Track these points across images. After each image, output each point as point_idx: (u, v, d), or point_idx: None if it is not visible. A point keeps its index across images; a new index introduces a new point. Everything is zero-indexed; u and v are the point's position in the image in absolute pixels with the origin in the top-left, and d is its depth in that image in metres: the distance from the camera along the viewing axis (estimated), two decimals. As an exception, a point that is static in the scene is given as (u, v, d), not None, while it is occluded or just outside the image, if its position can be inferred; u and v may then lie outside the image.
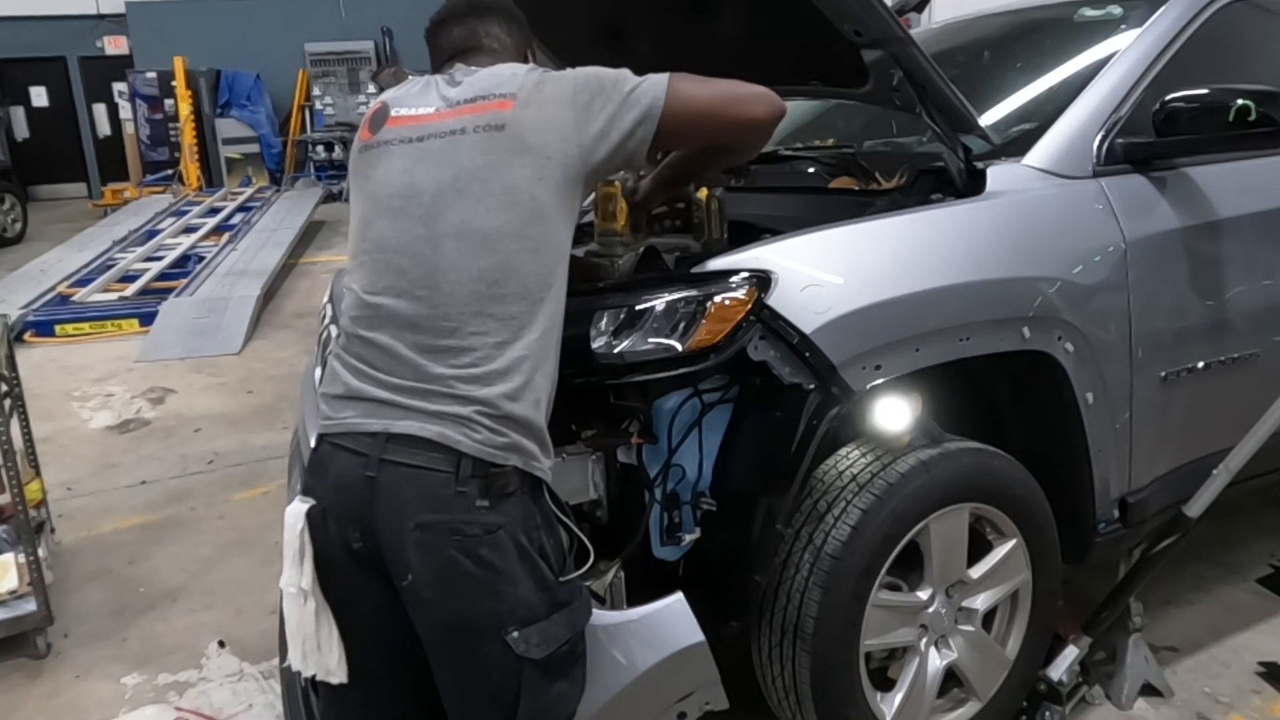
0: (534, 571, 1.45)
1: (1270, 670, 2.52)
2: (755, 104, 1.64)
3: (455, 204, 1.49)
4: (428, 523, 1.41)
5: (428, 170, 1.52)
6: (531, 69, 1.60)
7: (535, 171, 1.49)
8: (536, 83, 1.55)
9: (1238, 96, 2.07)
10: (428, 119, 1.57)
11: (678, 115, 1.55)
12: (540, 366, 1.48)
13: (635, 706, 1.75)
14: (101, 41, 15.85)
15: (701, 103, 1.60)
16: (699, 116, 1.60)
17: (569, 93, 1.53)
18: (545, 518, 1.49)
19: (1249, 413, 2.27)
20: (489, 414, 1.42)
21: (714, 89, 1.61)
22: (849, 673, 1.94)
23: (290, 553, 1.49)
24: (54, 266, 8.51)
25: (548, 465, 1.49)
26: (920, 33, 3.35)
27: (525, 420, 1.45)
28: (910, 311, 1.87)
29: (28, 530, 2.89)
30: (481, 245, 1.46)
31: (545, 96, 1.53)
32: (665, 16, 2.42)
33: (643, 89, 1.55)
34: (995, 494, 2.05)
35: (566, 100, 1.52)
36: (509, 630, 1.43)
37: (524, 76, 1.57)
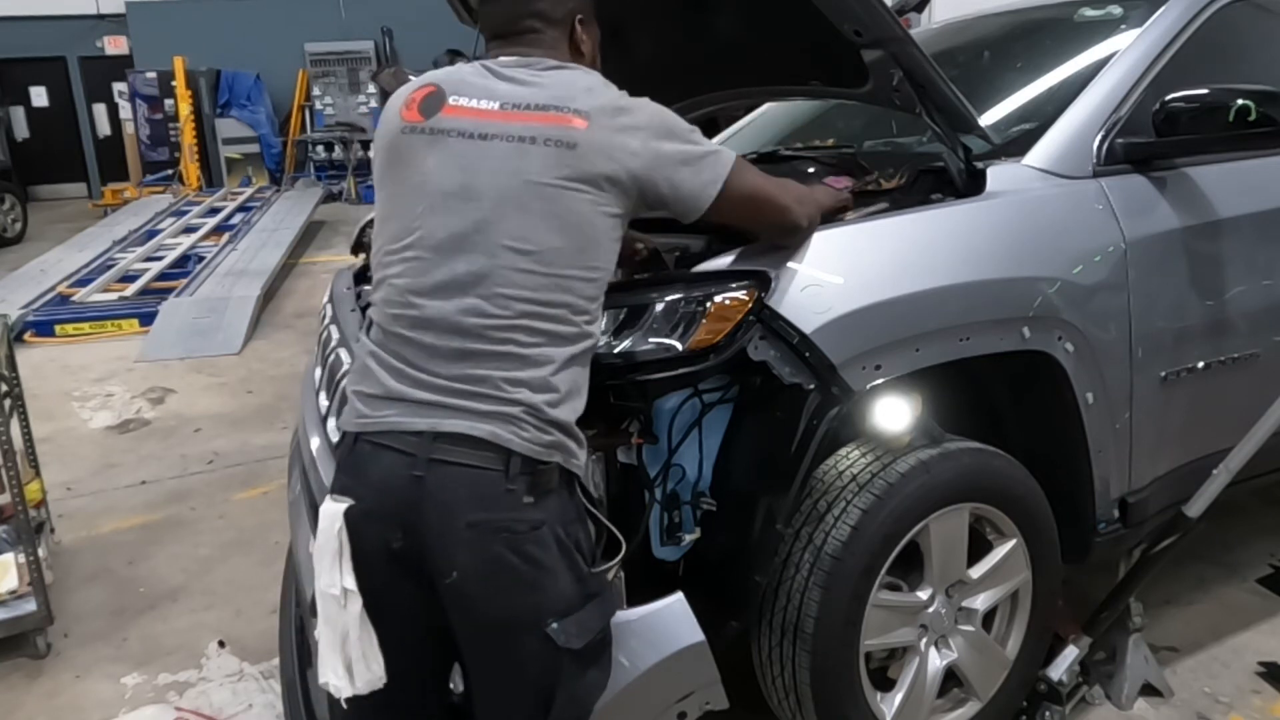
0: (571, 564, 1.48)
1: (1270, 670, 2.52)
2: (799, 211, 1.75)
3: (516, 216, 1.47)
4: (478, 521, 1.42)
5: (491, 173, 1.49)
6: (607, 86, 1.59)
7: (598, 198, 1.49)
8: (615, 107, 1.54)
9: (1238, 96, 2.07)
10: (493, 116, 1.52)
11: (733, 195, 1.59)
12: (581, 377, 1.53)
13: (635, 706, 1.75)
14: (101, 41, 15.85)
15: (757, 193, 1.67)
16: (748, 203, 1.66)
17: (647, 129, 1.54)
18: (579, 511, 1.54)
19: (1249, 413, 2.27)
20: (536, 415, 1.45)
21: (770, 184, 1.69)
22: (849, 673, 1.94)
23: (329, 553, 1.45)
24: (54, 266, 8.51)
25: (582, 460, 1.53)
26: (920, 33, 3.35)
27: (565, 424, 1.48)
28: (910, 311, 1.87)
29: (28, 530, 2.89)
30: (539, 263, 1.46)
31: (621, 125, 1.52)
32: (665, 16, 2.42)
33: (715, 157, 1.59)
34: (995, 494, 2.05)
35: (644, 136, 1.53)
36: (549, 623, 1.46)
37: (601, 94, 1.56)
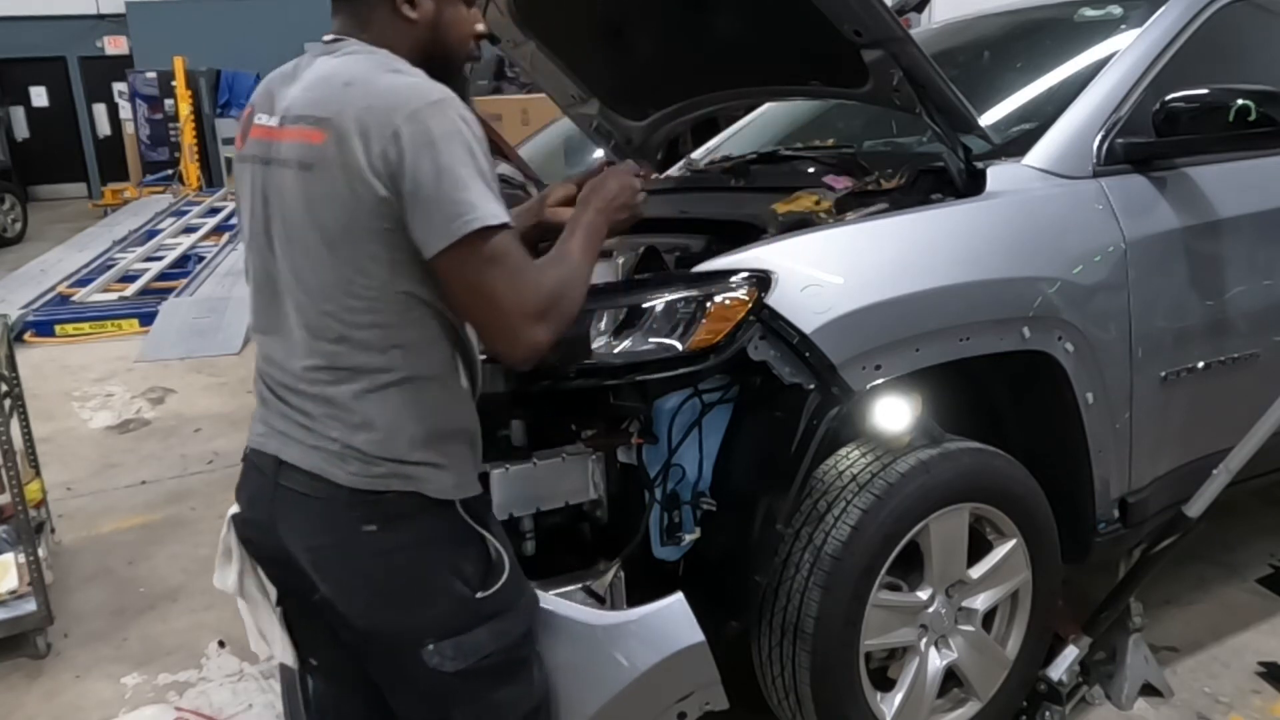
0: (446, 588, 1.40)
1: (1270, 670, 2.52)
2: (512, 336, 1.33)
3: (291, 252, 1.36)
4: (319, 545, 1.41)
5: (272, 205, 1.38)
6: (390, 70, 1.33)
7: (353, 222, 1.31)
8: (368, 106, 1.28)
9: (1238, 96, 2.07)
10: (273, 135, 1.38)
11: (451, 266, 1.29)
12: (412, 412, 1.36)
13: (635, 706, 1.74)
14: (101, 41, 15.86)
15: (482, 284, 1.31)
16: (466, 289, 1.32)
17: (410, 140, 1.26)
18: (456, 535, 1.42)
19: (1249, 413, 2.27)
20: (356, 451, 1.36)
21: (509, 281, 1.30)
22: (849, 673, 1.93)
23: (220, 554, 1.54)
24: (54, 266, 8.52)
25: (449, 483, 1.40)
26: (920, 33, 3.35)
27: (397, 456, 1.36)
28: (910, 311, 1.87)
29: (28, 530, 2.89)
30: (312, 299, 1.35)
31: (373, 133, 1.27)
32: (665, 16, 2.42)
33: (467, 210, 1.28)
34: (995, 494, 2.05)
35: (401, 144, 1.27)
36: (426, 644, 1.41)
37: (362, 90, 1.30)
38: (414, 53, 1.41)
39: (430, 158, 1.26)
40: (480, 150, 1.30)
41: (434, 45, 1.43)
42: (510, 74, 8.65)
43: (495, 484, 1.75)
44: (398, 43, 1.41)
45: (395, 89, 1.30)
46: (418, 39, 1.42)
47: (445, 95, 1.31)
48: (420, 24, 1.41)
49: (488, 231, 1.27)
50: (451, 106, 1.30)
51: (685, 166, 3.13)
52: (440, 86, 1.33)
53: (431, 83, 1.33)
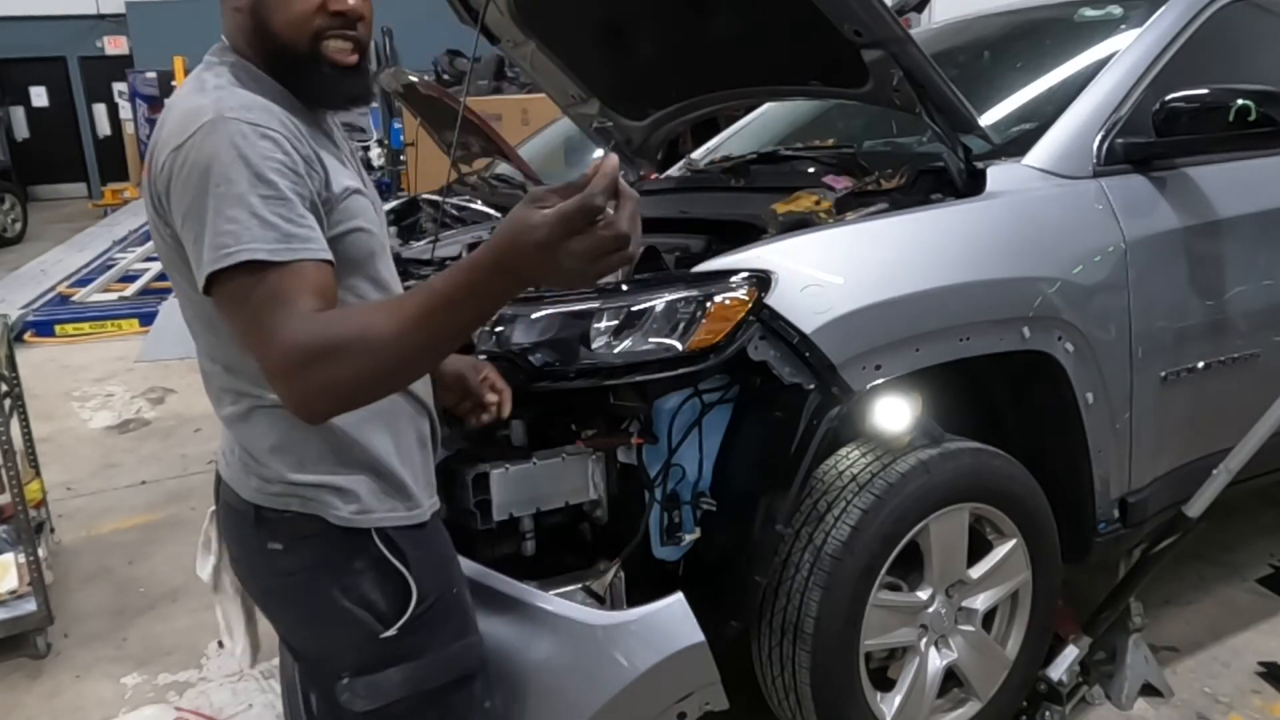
0: (352, 621, 1.30)
1: (1270, 670, 2.52)
2: (271, 352, 1.10)
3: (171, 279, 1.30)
4: (237, 557, 1.42)
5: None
6: (198, 92, 1.20)
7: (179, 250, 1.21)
8: (151, 151, 1.21)
9: (1238, 96, 2.07)
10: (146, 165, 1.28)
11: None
12: (286, 437, 1.28)
13: (635, 707, 1.74)
14: (101, 41, 15.86)
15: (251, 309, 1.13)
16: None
17: (188, 169, 1.14)
18: (368, 563, 1.30)
19: (1249, 413, 2.27)
20: (253, 469, 1.30)
21: (274, 310, 1.10)
22: (849, 673, 1.93)
23: (200, 543, 1.56)
24: (54, 266, 8.52)
25: (347, 513, 1.29)
26: (920, 33, 3.35)
27: (285, 478, 1.29)
28: (910, 311, 1.87)
29: (28, 530, 2.89)
30: (189, 319, 1.30)
31: (167, 160, 1.17)
32: (665, 16, 2.42)
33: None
34: (995, 494, 2.05)
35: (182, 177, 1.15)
36: (341, 676, 1.34)
37: (172, 117, 1.20)
38: (252, 48, 1.26)
39: (180, 192, 1.14)
40: (244, 176, 1.11)
41: (263, 34, 1.24)
42: (510, 74, 8.65)
43: (495, 484, 1.76)
44: (236, 39, 1.27)
45: (177, 118, 1.18)
46: (247, 30, 1.25)
47: (212, 118, 1.13)
48: (243, 10, 1.24)
49: (220, 272, 1.10)
50: (215, 130, 1.13)
51: (685, 166, 3.13)
52: (213, 106, 1.15)
53: (210, 102, 1.16)
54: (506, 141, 5.33)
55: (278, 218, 1.12)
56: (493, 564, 1.78)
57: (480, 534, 1.79)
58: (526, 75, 2.91)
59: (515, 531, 1.83)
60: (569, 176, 4.19)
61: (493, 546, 1.84)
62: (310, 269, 1.12)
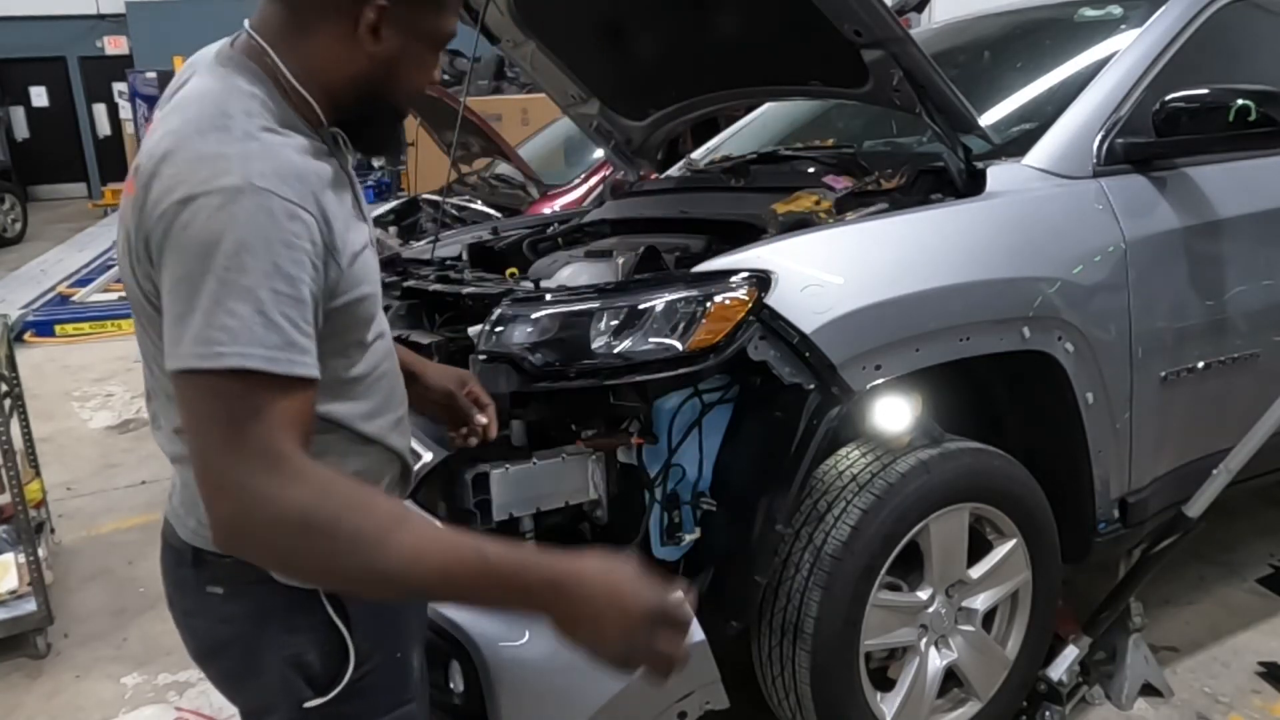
0: (280, 678, 1.18)
1: (1270, 670, 2.52)
2: (214, 493, 0.98)
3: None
4: (169, 596, 1.28)
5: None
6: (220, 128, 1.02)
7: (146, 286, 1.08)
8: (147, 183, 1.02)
9: (1238, 96, 2.07)
10: (129, 182, 1.11)
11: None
12: None
13: (635, 706, 1.74)
14: (101, 41, 15.85)
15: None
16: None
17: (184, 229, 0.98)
18: (310, 620, 1.17)
19: (1249, 413, 2.27)
20: (196, 508, 1.14)
21: (213, 429, 0.97)
22: (849, 673, 1.93)
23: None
24: (54, 266, 8.53)
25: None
26: (920, 33, 3.35)
27: None
28: (910, 311, 1.87)
29: (28, 530, 2.89)
30: (149, 352, 1.15)
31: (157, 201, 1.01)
32: (665, 16, 2.42)
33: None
34: (995, 494, 2.05)
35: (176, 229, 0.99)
36: None
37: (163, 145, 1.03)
38: (351, 91, 1.13)
39: (177, 253, 0.98)
40: (268, 265, 0.97)
41: (380, 90, 1.15)
42: (510, 74, 8.65)
43: (495, 484, 1.76)
44: (334, 73, 1.12)
45: (191, 160, 1.00)
46: (363, 76, 1.13)
47: (239, 184, 0.97)
48: (374, 60, 1.12)
49: (205, 376, 0.96)
50: (240, 201, 0.97)
51: (685, 166, 3.13)
52: (242, 165, 0.99)
53: (238, 156, 1.00)
54: (506, 141, 5.33)
55: (285, 320, 0.98)
56: (493, 564, 1.78)
57: (480, 534, 1.79)
58: (526, 75, 2.91)
59: (515, 531, 1.83)
60: (569, 176, 4.22)
61: (493, 546, 1.84)
62: (299, 389, 1.00)
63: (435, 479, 1.84)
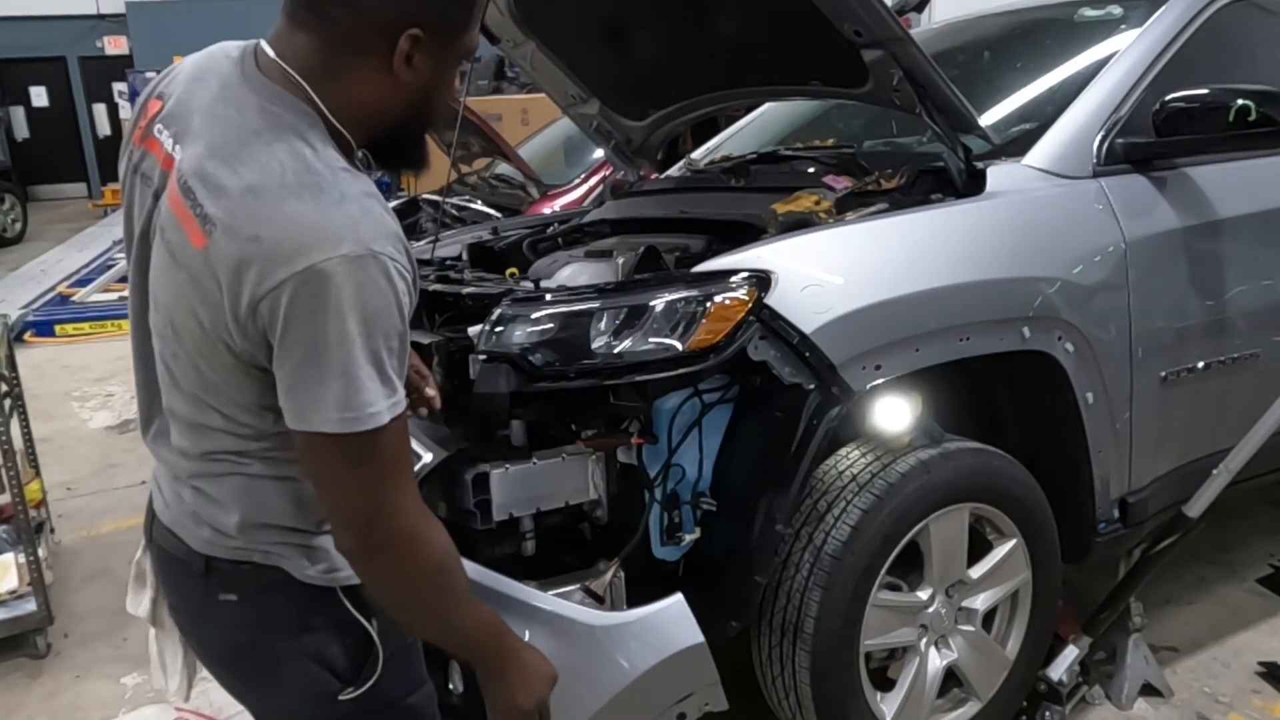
0: (307, 679, 1.23)
1: (1270, 670, 2.52)
2: (338, 533, 1.13)
3: (159, 317, 1.19)
4: (174, 605, 1.33)
5: (150, 251, 1.18)
6: (272, 195, 1.02)
7: (208, 334, 1.10)
8: (245, 252, 1.01)
9: (1238, 96, 2.07)
10: (169, 170, 1.12)
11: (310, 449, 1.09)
12: (266, 505, 1.20)
13: (634, 707, 1.75)
14: (101, 41, 15.85)
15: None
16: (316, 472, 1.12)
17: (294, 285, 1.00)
18: (330, 618, 1.23)
19: (1249, 413, 2.27)
20: (210, 518, 1.21)
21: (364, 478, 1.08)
22: (849, 673, 1.93)
23: (132, 577, 1.44)
24: (54, 266, 8.53)
25: (319, 570, 1.22)
26: (920, 33, 3.35)
27: (255, 540, 1.21)
28: (910, 311, 1.87)
29: (28, 530, 2.89)
30: (173, 374, 1.19)
31: (248, 262, 1.01)
32: (665, 16, 2.42)
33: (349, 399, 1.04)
34: (995, 494, 2.05)
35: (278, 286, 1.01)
36: None
37: (249, 207, 1.03)
38: (387, 119, 1.15)
39: (306, 329, 1.01)
40: (387, 335, 1.04)
41: (415, 115, 1.18)
42: (510, 74, 8.65)
43: (495, 484, 1.76)
44: (371, 104, 1.13)
45: (300, 221, 1.01)
46: (400, 104, 1.15)
47: (362, 253, 1.01)
48: (410, 89, 1.13)
49: (349, 435, 1.04)
50: (366, 270, 1.01)
51: (685, 166, 3.13)
52: (362, 231, 1.02)
53: (351, 222, 1.03)
54: (506, 141, 5.33)
55: (394, 373, 1.06)
56: (492, 564, 1.78)
57: (480, 534, 1.79)
58: (526, 75, 2.91)
59: (515, 531, 1.83)
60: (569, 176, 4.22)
61: (493, 546, 1.84)
62: (403, 421, 1.10)
63: (435, 479, 1.84)
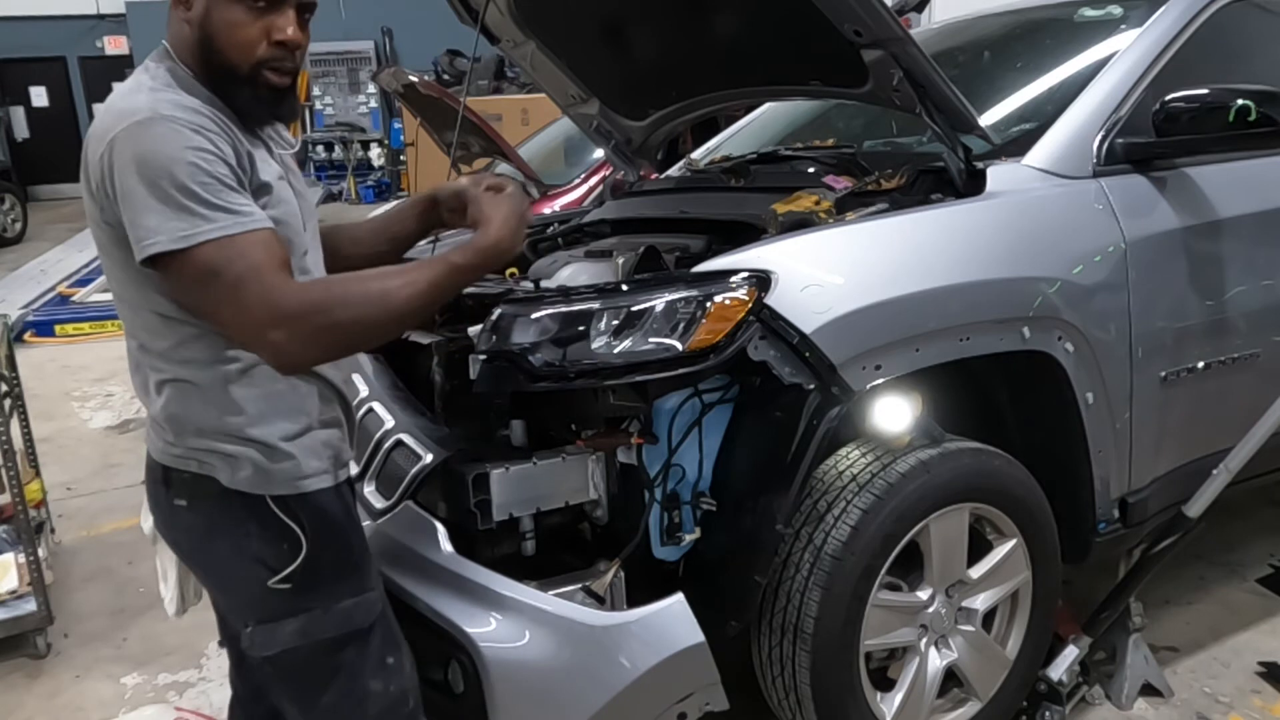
0: (251, 575, 1.43)
1: (1270, 670, 2.52)
2: (249, 342, 1.33)
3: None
4: (152, 513, 1.53)
5: None
6: (135, 92, 1.33)
7: (97, 235, 1.38)
8: (89, 142, 1.32)
9: (1238, 96, 2.07)
10: None
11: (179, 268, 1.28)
12: (189, 407, 1.40)
13: (635, 707, 1.75)
14: (101, 41, 15.86)
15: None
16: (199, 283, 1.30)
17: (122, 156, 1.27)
18: (262, 522, 1.42)
19: (1249, 413, 2.27)
20: (160, 430, 1.44)
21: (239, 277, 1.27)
22: (849, 673, 1.93)
23: (145, 499, 1.59)
24: (54, 266, 8.53)
25: (245, 476, 1.40)
26: (920, 33, 3.35)
27: (187, 443, 1.41)
28: (910, 311, 1.87)
29: (28, 530, 2.89)
30: (114, 295, 1.44)
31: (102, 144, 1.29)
32: (665, 16, 2.42)
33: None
34: (995, 494, 2.05)
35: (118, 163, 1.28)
36: (246, 624, 1.47)
37: (100, 111, 1.34)
38: (193, 58, 1.37)
39: (121, 180, 1.26)
40: (183, 169, 1.25)
41: (207, 50, 1.35)
42: (510, 74, 8.66)
43: (495, 484, 1.76)
44: (179, 46, 1.38)
45: (114, 112, 1.30)
46: (191, 41, 1.36)
47: (148, 116, 1.26)
48: (192, 24, 1.35)
49: (177, 253, 1.24)
50: (151, 127, 1.26)
51: (685, 166, 3.13)
52: (155, 106, 1.28)
53: (151, 103, 1.28)
54: (506, 141, 5.33)
55: (194, 205, 1.25)
56: (493, 564, 1.78)
57: (480, 534, 1.79)
58: (526, 75, 2.91)
59: (515, 531, 1.83)
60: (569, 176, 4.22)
61: (493, 546, 1.84)
62: (267, 236, 1.30)
63: (435, 479, 1.84)
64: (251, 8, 1.33)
